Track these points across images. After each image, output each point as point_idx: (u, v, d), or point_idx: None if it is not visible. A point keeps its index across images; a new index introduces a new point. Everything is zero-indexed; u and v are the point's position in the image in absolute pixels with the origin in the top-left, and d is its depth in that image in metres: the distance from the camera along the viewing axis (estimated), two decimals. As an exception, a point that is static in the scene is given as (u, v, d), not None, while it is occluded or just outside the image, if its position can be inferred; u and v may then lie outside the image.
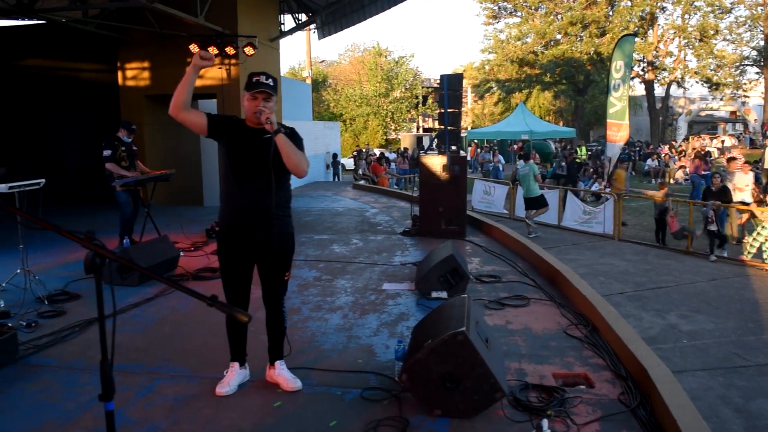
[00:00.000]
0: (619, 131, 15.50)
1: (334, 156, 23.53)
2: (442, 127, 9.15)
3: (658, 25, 39.25)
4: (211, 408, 3.62)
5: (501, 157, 25.64)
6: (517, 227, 11.59)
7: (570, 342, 4.61)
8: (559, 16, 39.40)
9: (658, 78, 39.86)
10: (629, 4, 37.59)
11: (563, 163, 23.72)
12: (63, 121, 13.29)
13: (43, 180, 5.92)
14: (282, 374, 3.90)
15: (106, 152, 7.86)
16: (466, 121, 48.46)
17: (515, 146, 29.98)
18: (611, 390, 3.75)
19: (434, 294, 5.68)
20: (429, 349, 3.36)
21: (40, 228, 1.64)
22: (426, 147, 24.77)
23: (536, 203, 12.92)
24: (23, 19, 12.64)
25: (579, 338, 4.67)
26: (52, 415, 3.55)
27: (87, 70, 13.98)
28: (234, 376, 3.88)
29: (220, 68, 12.75)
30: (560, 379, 3.93)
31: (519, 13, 41.73)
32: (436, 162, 8.82)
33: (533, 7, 40.39)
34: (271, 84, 3.59)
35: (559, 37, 39.78)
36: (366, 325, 5.05)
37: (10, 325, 4.61)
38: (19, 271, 6.02)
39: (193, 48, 11.93)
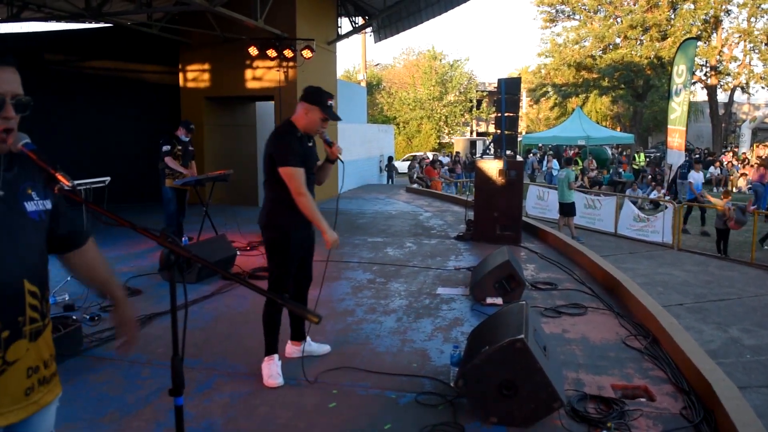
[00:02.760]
0: (678, 137, 15.09)
1: (389, 159, 23.57)
2: (498, 131, 9.06)
3: (723, 28, 37.99)
4: (267, 406, 3.66)
5: (555, 162, 25.23)
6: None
7: (629, 353, 4.49)
8: (619, 20, 38.51)
9: (721, 83, 38.58)
10: (692, 7, 36.51)
11: (620, 170, 23.25)
12: (126, 121, 13.68)
13: (109, 178, 6.11)
14: None
15: (165, 147, 8.14)
16: (520, 126, 47.88)
17: (571, 152, 29.46)
18: (673, 404, 3.63)
19: (489, 300, 5.63)
20: (486, 356, 3.32)
21: (116, 224, 1.67)
22: (482, 151, 24.57)
23: (568, 209, 12.72)
24: (91, 23, 13.08)
25: (639, 349, 4.54)
26: (115, 407, 3.66)
27: (150, 72, 14.38)
28: (279, 367, 4.01)
29: (278, 71, 12.94)
30: (619, 391, 3.83)
31: (577, 17, 40.98)
32: (492, 166, 8.73)
33: (592, 11, 39.60)
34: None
35: (618, 40, 38.89)
36: (420, 329, 5.04)
37: (75, 318, 4.77)
38: (84, 265, 6.20)
39: (253, 50, 12.13)
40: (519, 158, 9.23)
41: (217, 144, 14.03)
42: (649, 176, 20.50)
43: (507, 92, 8.95)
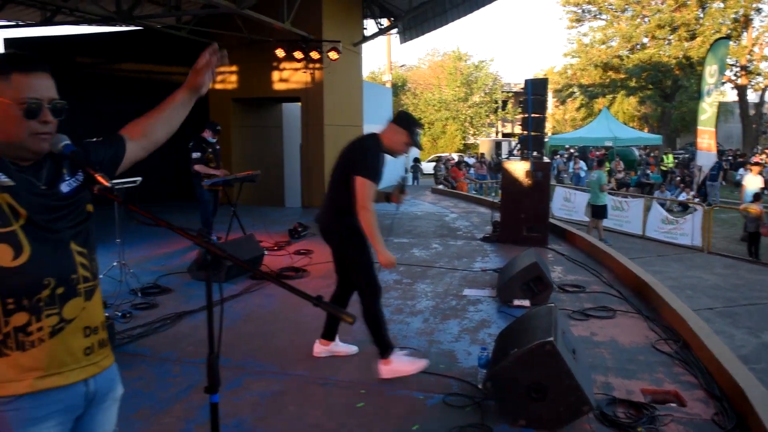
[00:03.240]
0: (709, 139, 14.87)
1: (415, 160, 23.57)
2: (525, 132, 9.03)
3: (753, 27, 37.33)
4: (296, 405, 3.70)
5: (583, 164, 24.99)
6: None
7: (659, 357, 4.45)
8: (647, 19, 38.03)
9: (752, 83, 37.92)
10: (722, 5, 35.92)
11: (648, 172, 22.98)
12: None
13: (140, 178, 6.19)
14: None
15: (195, 155, 8.16)
16: (546, 127, 47.53)
17: (598, 153, 29.17)
18: (704, 410, 3.59)
19: (516, 302, 5.61)
20: (515, 358, 3.31)
21: (154, 225, 1.71)
22: (509, 152, 24.44)
23: (599, 212, 12.60)
24: (121, 26, 13.28)
25: (669, 354, 4.49)
26: (147, 403, 3.72)
27: (178, 74, 14.53)
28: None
29: (304, 72, 13.02)
30: (649, 396, 3.79)
31: (604, 16, 40.55)
32: (518, 168, 8.70)
33: (619, 10, 39.16)
34: None
35: (645, 40, 38.41)
36: (447, 331, 5.04)
37: (107, 315, 4.85)
38: (115, 264, 6.32)
39: (279, 52, 12.25)
40: (546, 159, 9.18)
41: (245, 145, 14.16)
42: (678, 178, 20.24)
43: (534, 93, 8.91)
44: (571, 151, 32.84)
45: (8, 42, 13.75)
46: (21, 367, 1.60)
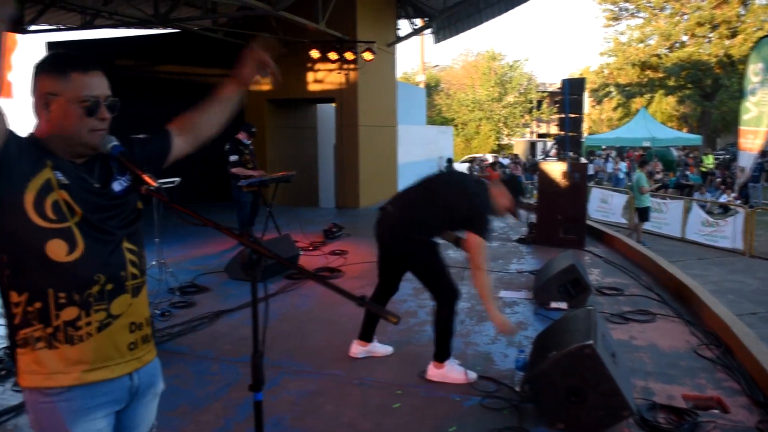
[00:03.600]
0: (755, 139, 14.49)
1: (449, 161, 23.49)
2: (561, 132, 8.93)
3: (797, 24, 36.38)
4: (333, 405, 3.72)
5: (623, 164, 24.57)
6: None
7: (701, 363, 4.36)
8: (686, 17, 37.30)
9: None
10: (765, 1, 35.05)
11: (687, 173, 22.55)
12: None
13: (179, 179, 6.29)
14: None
15: (233, 157, 8.22)
16: (582, 127, 46.94)
17: (635, 153, 28.70)
18: (748, 417, 3.50)
19: (553, 304, 5.55)
20: (553, 361, 3.27)
21: (201, 224, 1.74)
22: (544, 153, 24.19)
23: (642, 214, 12.39)
24: (159, 28, 13.50)
25: (711, 359, 4.40)
26: (186, 400, 3.78)
27: (214, 75, 14.71)
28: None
29: (339, 73, 13.07)
30: (691, 402, 3.71)
31: (642, 14, 39.90)
32: (555, 169, 8.61)
33: (657, 8, 38.47)
34: None
35: (685, 38, 37.68)
36: (483, 333, 5.01)
37: (148, 313, 4.94)
38: (154, 262, 6.42)
39: (314, 53, 12.32)
40: (583, 160, 9.06)
41: (279, 146, 14.27)
42: (718, 179, 19.81)
43: (571, 93, 8.82)
44: (608, 152, 32.35)
45: (50, 45, 14.08)
46: (69, 360, 1.64)
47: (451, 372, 4.01)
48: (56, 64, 1.67)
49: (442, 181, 4.17)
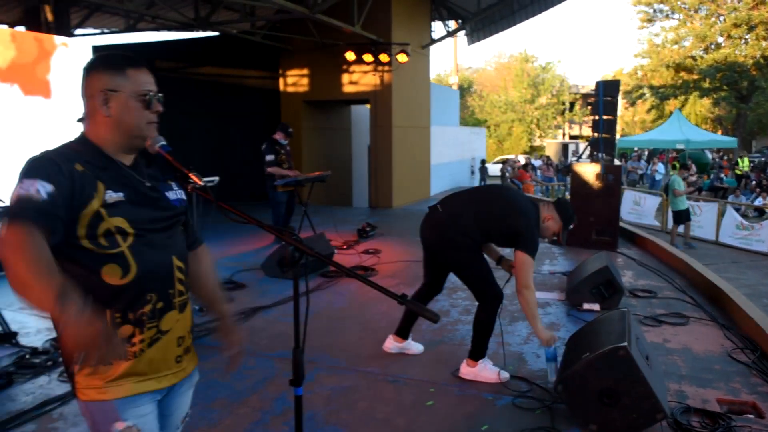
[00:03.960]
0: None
1: (482, 162, 23.42)
2: (595, 134, 8.89)
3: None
4: (367, 401, 3.79)
5: (661, 166, 24.17)
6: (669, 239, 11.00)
7: (735, 367, 4.33)
8: (722, 18, 36.58)
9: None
10: (804, 3, 34.20)
11: (722, 175, 22.14)
12: (230, 124, 14.28)
13: (218, 178, 6.43)
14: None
15: (269, 157, 8.36)
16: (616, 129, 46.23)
17: (669, 156, 28.24)
18: (784, 422, 3.49)
19: (586, 306, 5.55)
20: (587, 362, 3.30)
21: (245, 222, 1.83)
22: (576, 155, 23.93)
23: (677, 217, 12.21)
24: (198, 31, 13.75)
25: (746, 363, 4.36)
26: (223, 393, 3.88)
27: (252, 77, 14.96)
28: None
29: (373, 75, 13.17)
30: (725, 406, 3.70)
31: (676, 16, 39.27)
32: (588, 170, 8.57)
33: (693, 9, 37.81)
34: None
35: (720, 40, 36.96)
36: (516, 333, 5.05)
37: (186, 309, 5.07)
38: (193, 260, 6.56)
39: (349, 55, 12.41)
40: (617, 162, 9.00)
41: (314, 146, 14.42)
42: (753, 182, 19.43)
43: (605, 94, 8.77)
44: (639, 153, 31.88)
45: (96, 48, 14.44)
46: (123, 373, 1.72)
47: (484, 371, 4.06)
48: (113, 62, 1.77)
49: (497, 194, 4.18)
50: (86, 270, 1.66)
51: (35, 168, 1.61)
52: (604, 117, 8.77)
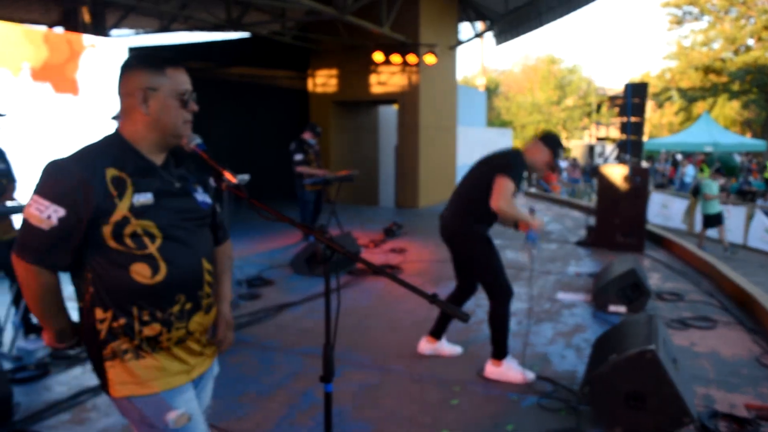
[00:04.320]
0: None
1: None
2: (622, 136, 8.85)
3: None
4: (393, 399, 3.82)
5: (691, 167, 23.81)
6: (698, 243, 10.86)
7: (764, 372, 4.29)
8: (752, 20, 35.92)
9: None
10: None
11: (750, 179, 21.79)
12: (260, 124, 14.42)
13: (248, 176, 6.52)
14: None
15: (298, 157, 8.44)
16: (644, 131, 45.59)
17: (696, 159, 27.79)
18: (813, 428, 3.46)
19: (612, 308, 5.54)
20: (614, 365, 3.30)
21: (277, 220, 1.88)
22: (603, 158, 23.69)
23: (709, 221, 12.02)
24: (229, 32, 13.92)
25: (775, 369, 4.33)
26: (252, 388, 3.95)
27: (282, 78, 15.09)
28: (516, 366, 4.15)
29: (401, 75, 13.22)
30: (754, 411, 3.67)
31: (706, 18, 38.64)
32: (615, 172, 8.53)
33: (722, 11, 37.18)
34: None
35: (751, 42, 36.26)
36: (541, 334, 5.05)
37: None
38: (224, 257, 6.67)
39: (378, 56, 12.49)
40: (644, 164, 8.95)
41: (342, 146, 14.50)
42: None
43: (633, 96, 8.72)
44: (665, 156, 31.41)
45: (132, 49, 14.72)
46: (155, 368, 1.77)
47: (509, 371, 4.07)
48: (153, 61, 1.79)
49: (474, 166, 4.18)
50: (114, 266, 1.70)
51: (52, 183, 1.65)
52: (632, 119, 8.72)
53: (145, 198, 1.72)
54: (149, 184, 1.75)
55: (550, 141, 4.11)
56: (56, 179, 1.65)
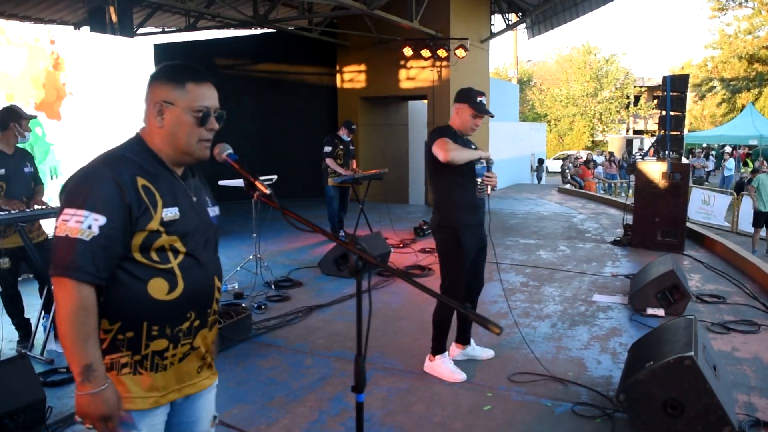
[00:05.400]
0: None
1: (540, 161, 23.02)
2: (661, 131, 8.59)
3: None
4: (423, 404, 3.76)
5: (731, 162, 23.21)
6: (742, 242, 10.52)
7: (810, 379, 4.12)
8: (800, 6, 34.94)
9: None
10: None
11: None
12: (288, 121, 14.45)
13: (276, 176, 6.51)
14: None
15: (327, 149, 8.52)
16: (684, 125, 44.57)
17: (739, 152, 27.11)
18: None
19: (650, 311, 5.37)
20: (651, 371, 3.19)
21: (310, 231, 1.83)
22: (641, 153, 23.25)
23: (756, 219, 11.58)
24: (256, 29, 13.95)
25: (822, 375, 4.14)
26: (281, 392, 3.93)
27: (309, 74, 15.08)
28: (452, 363, 4.18)
29: (431, 70, 13.09)
30: (798, 420, 3.52)
31: (750, 4, 37.63)
32: (654, 169, 8.30)
33: (768, -3, 36.22)
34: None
35: (799, 30, 35.31)
36: (576, 337, 4.92)
37: (244, 305, 5.18)
38: (251, 257, 6.68)
39: (407, 51, 12.38)
40: (684, 160, 8.68)
41: (372, 143, 14.46)
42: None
43: (673, 89, 8.46)
44: (707, 150, 30.72)
45: (157, 47, 14.88)
46: (150, 386, 1.74)
47: (440, 367, 4.12)
48: (173, 74, 1.75)
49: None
50: (133, 279, 1.67)
51: (87, 192, 1.61)
52: (672, 113, 8.46)
53: (172, 213, 1.70)
54: (175, 197, 1.74)
55: (459, 96, 4.04)
56: (91, 187, 1.61)
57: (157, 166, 1.75)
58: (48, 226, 4.84)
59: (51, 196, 5.54)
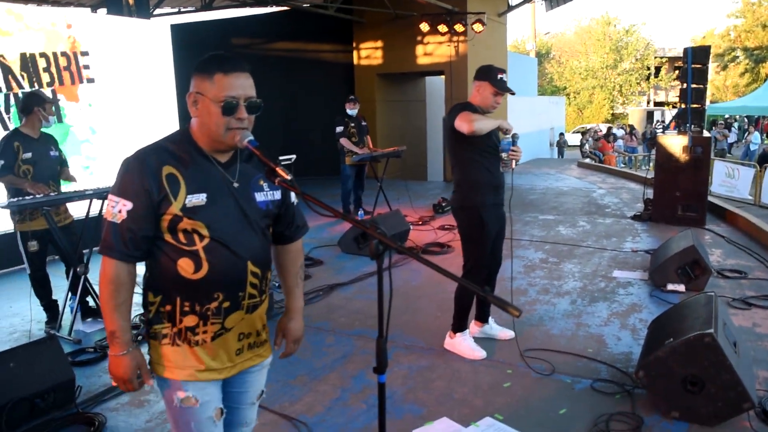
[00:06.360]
0: None
1: (561, 135, 22.81)
2: (683, 104, 8.46)
3: None
4: (444, 381, 3.81)
5: (757, 134, 22.81)
6: (765, 215, 10.39)
7: (831, 354, 4.10)
8: (829, -28, 33.97)
9: None
10: None
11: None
12: (305, 99, 14.43)
13: (294, 156, 6.54)
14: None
15: (338, 129, 8.55)
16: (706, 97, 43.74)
17: (766, 122, 26.60)
18: None
19: (670, 287, 5.36)
20: (671, 348, 3.20)
21: (330, 215, 1.86)
22: (662, 126, 22.93)
23: None
24: (272, 7, 13.88)
25: None
26: (304, 370, 4.00)
27: (325, 51, 15.00)
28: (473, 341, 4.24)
29: (448, 45, 12.98)
30: (818, 396, 3.51)
31: (776, -30, 36.68)
32: (675, 143, 8.20)
33: (795, -38, 35.26)
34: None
35: (826, -4, 34.38)
36: (596, 314, 4.93)
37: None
38: (272, 236, 6.74)
39: (424, 26, 12.25)
40: (706, 133, 8.57)
41: (389, 119, 14.42)
42: None
43: (694, 62, 8.32)
44: (729, 121, 30.15)
45: (173, 28, 14.90)
46: (186, 358, 1.86)
47: (461, 345, 4.17)
48: (204, 66, 1.81)
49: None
50: (166, 258, 1.82)
51: (119, 180, 1.80)
52: (693, 85, 8.33)
53: (197, 199, 1.79)
54: (205, 184, 1.82)
55: (480, 73, 4.02)
56: (122, 176, 1.79)
57: (194, 154, 1.84)
58: (75, 209, 4.93)
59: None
